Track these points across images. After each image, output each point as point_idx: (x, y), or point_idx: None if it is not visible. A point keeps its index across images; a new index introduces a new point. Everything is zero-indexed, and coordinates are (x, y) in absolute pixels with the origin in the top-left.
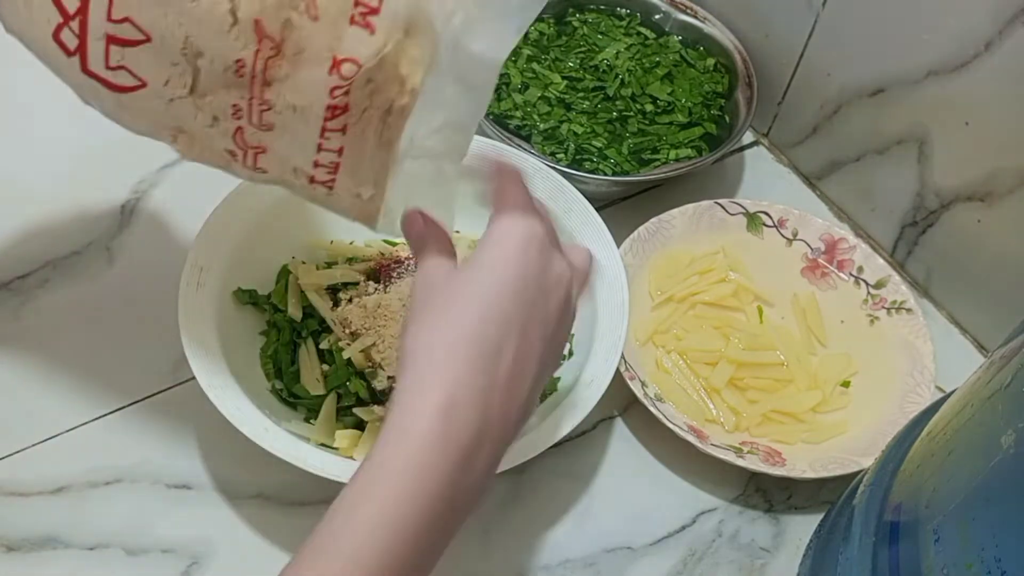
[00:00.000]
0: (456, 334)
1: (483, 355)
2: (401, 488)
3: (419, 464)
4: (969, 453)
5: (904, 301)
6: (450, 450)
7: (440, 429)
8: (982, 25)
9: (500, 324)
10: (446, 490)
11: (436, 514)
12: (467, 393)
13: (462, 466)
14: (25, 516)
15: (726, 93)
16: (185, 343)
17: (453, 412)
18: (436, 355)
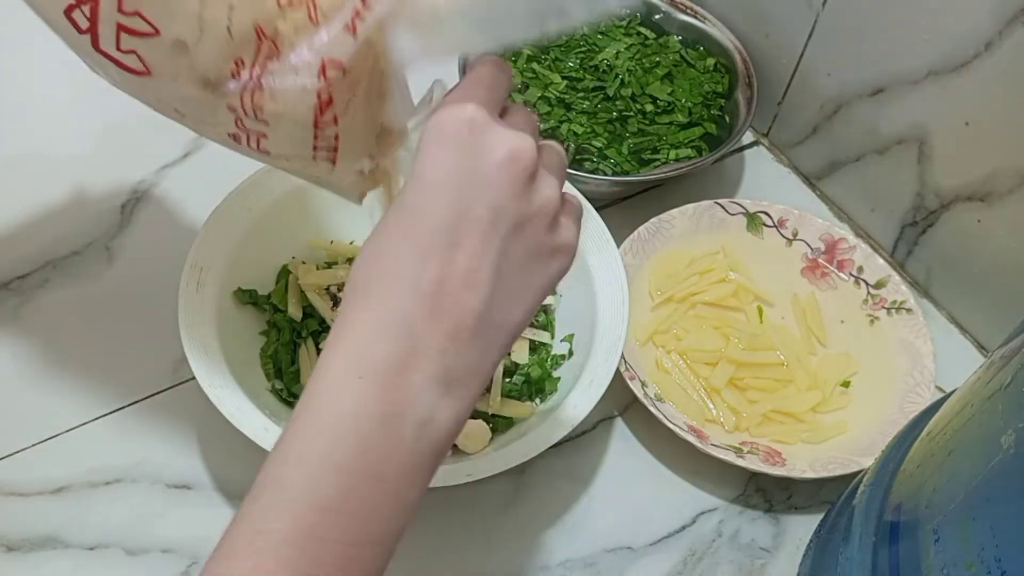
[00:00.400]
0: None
1: (399, 276)
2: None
3: (334, 393)
4: (969, 453)
5: (904, 301)
6: (367, 373)
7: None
8: (982, 25)
9: (421, 237)
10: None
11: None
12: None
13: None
14: (25, 516)
15: (726, 93)
16: (185, 343)
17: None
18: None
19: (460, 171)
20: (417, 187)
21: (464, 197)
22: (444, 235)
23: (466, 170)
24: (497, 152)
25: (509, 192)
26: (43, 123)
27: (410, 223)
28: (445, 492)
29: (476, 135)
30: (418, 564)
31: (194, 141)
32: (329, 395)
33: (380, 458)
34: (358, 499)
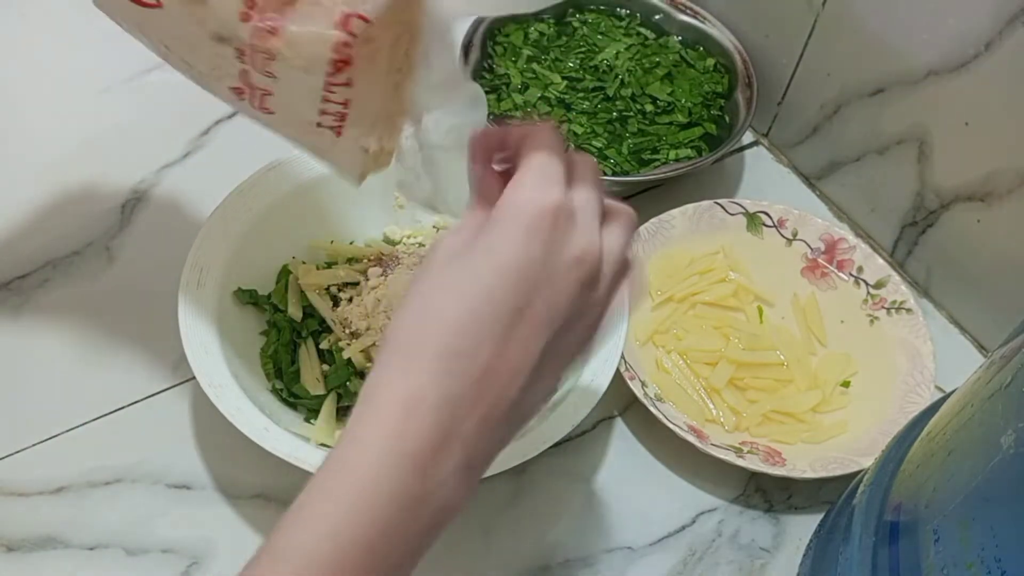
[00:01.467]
0: (433, 322)
1: (456, 354)
2: (352, 493)
3: (371, 467)
4: (969, 453)
5: (904, 301)
6: (406, 455)
7: (395, 430)
8: (982, 25)
9: (484, 318)
10: (402, 497)
11: (393, 520)
12: (431, 394)
13: (420, 472)
14: (25, 516)
15: (726, 93)
16: (185, 343)
17: (412, 414)
18: (408, 341)
19: (534, 263)
20: (492, 263)
21: (530, 289)
22: (504, 323)
23: (539, 263)
24: (571, 251)
25: (570, 293)
26: (43, 123)
27: (478, 296)
28: None
29: (557, 230)
30: (418, 564)
31: (194, 141)
32: (367, 470)
33: (400, 540)
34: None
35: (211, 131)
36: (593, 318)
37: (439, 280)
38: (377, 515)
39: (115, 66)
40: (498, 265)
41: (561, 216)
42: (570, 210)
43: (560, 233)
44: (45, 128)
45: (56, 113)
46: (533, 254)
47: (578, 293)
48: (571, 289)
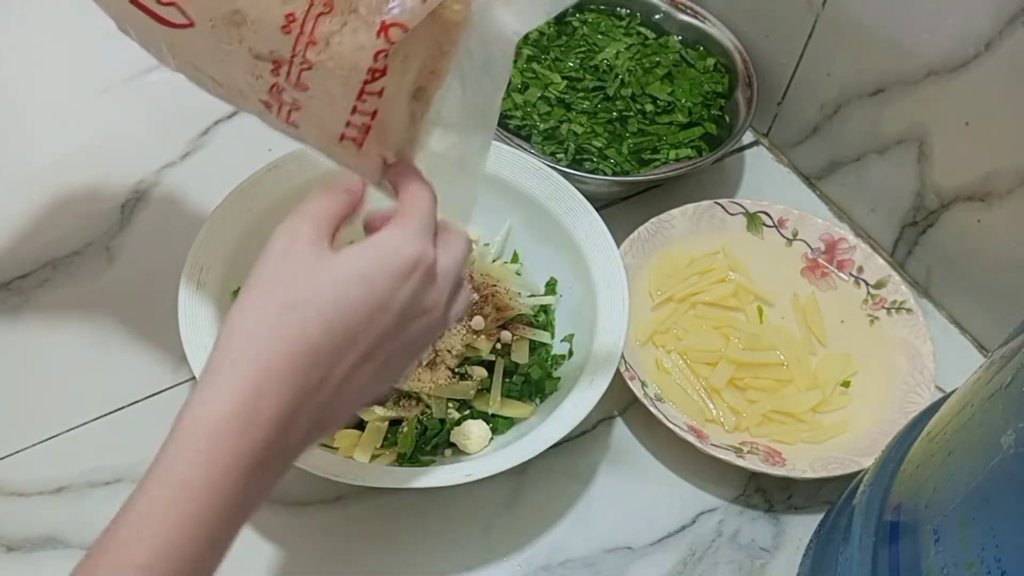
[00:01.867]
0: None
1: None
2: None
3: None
4: (969, 453)
5: (904, 301)
6: (243, 464)
7: (233, 439)
8: (982, 25)
9: (340, 342)
10: (232, 503)
11: (221, 526)
12: (271, 402)
13: (253, 480)
14: (25, 516)
15: (726, 93)
16: (185, 343)
17: (246, 427)
18: (251, 340)
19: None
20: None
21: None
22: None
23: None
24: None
25: (412, 341)
26: (43, 123)
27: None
28: (445, 492)
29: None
30: (418, 564)
31: (194, 141)
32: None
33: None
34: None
35: (211, 131)
36: (416, 357)
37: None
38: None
39: (115, 66)
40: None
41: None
42: (434, 270)
43: (423, 287)
44: (45, 128)
45: (56, 113)
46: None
47: (417, 343)
48: (414, 338)
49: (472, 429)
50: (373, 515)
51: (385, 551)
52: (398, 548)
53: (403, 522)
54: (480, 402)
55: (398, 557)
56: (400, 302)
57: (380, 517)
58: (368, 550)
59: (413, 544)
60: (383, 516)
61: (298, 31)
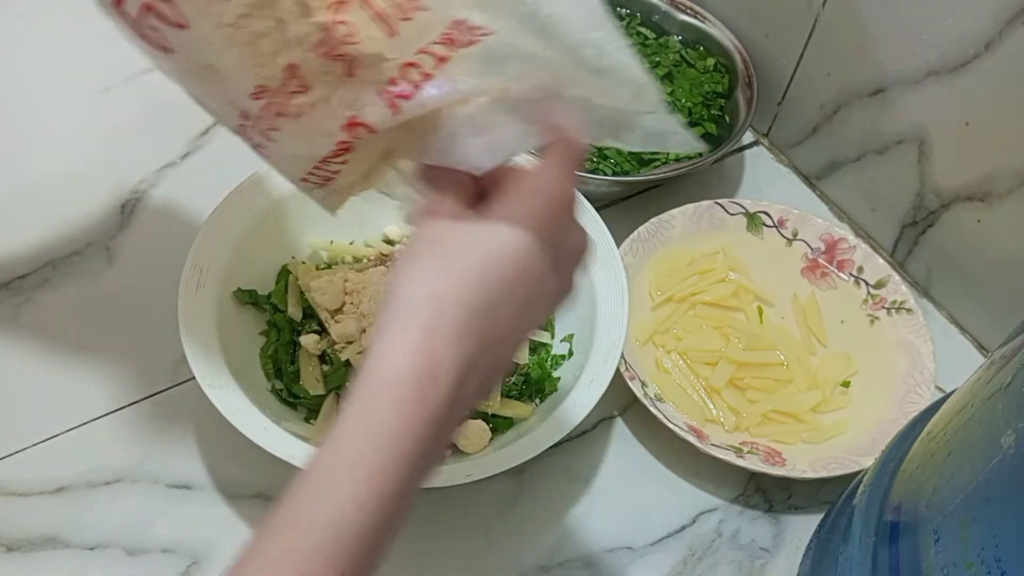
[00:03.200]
0: (454, 286)
1: (476, 315)
2: (375, 460)
3: (394, 431)
4: (969, 453)
5: (904, 301)
6: (428, 420)
7: (416, 387)
8: (982, 25)
9: (504, 283)
10: (417, 459)
11: (408, 483)
12: (450, 354)
13: (436, 435)
14: (25, 516)
15: (726, 93)
16: (185, 343)
17: (432, 372)
18: (427, 303)
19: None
20: (513, 232)
21: (546, 265)
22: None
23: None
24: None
25: (572, 276)
26: (43, 123)
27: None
28: (445, 492)
29: (570, 217)
30: (418, 564)
31: (194, 141)
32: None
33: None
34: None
35: (211, 131)
36: (566, 297)
37: (453, 241)
38: (402, 478)
39: (115, 66)
40: (522, 235)
41: (572, 208)
42: (576, 205)
43: (567, 224)
44: (45, 128)
45: (56, 113)
46: (552, 236)
47: (569, 282)
48: (566, 277)
49: (472, 429)
50: None
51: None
52: (397, 548)
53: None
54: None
55: (397, 557)
56: (553, 241)
57: None
58: None
59: (413, 544)
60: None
61: (267, 100)
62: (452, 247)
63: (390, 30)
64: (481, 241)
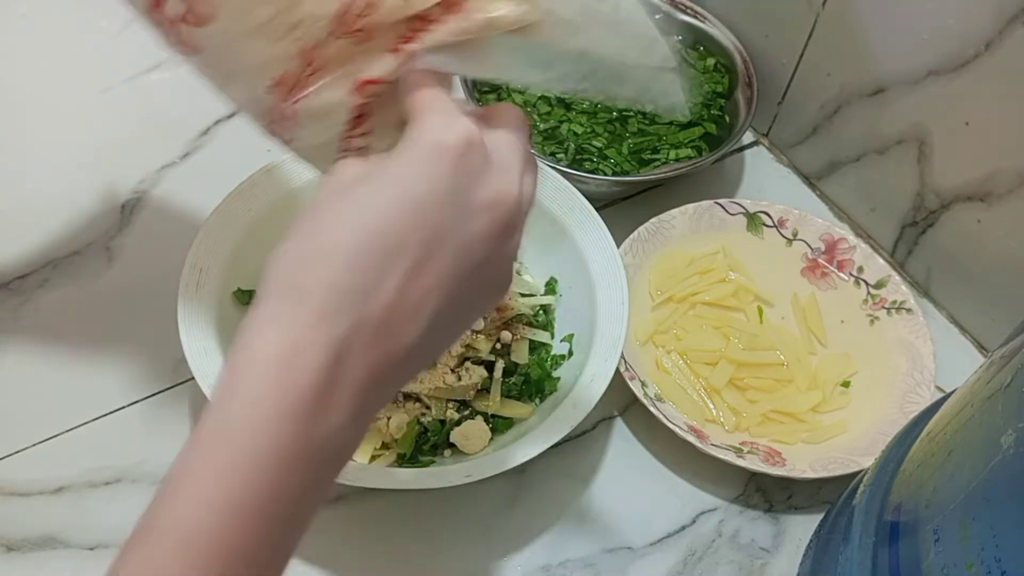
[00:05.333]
0: (320, 257)
1: (347, 292)
2: (231, 456)
3: (249, 426)
4: (969, 453)
5: (904, 301)
6: (286, 412)
7: (274, 385)
8: (982, 25)
9: (380, 254)
10: (286, 455)
11: (279, 480)
12: (315, 342)
13: (304, 428)
14: (25, 516)
15: (726, 93)
16: (185, 343)
17: (292, 366)
18: (290, 279)
19: (440, 196)
20: (391, 193)
21: (436, 226)
22: (407, 260)
23: (447, 198)
24: (485, 192)
25: (481, 238)
26: (43, 123)
27: (374, 230)
28: (445, 492)
29: (468, 165)
30: (418, 564)
31: (194, 141)
32: (245, 430)
33: (290, 498)
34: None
35: (211, 131)
36: (505, 266)
37: (329, 211)
38: (261, 476)
39: (115, 66)
40: (398, 195)
41: (474, 152)
42: (484, 148)
43: (472, 170)
44: (45, 128)
45: (56, 113)
46: (440, 186)
47: (490, 238)
48: (483, 233)
49: (472, 429)
50: (372, 516)
51: (385, 552)
52: (397, 549)
53: (403, 523)
54: (480, 402)
55: (398, 558)
56: (444, 192)
57: (379, 518)
58: (368, 551)
59: (413, 545)
60: (382, 517)
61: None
62: (328, 219)
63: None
64: (356, 212)
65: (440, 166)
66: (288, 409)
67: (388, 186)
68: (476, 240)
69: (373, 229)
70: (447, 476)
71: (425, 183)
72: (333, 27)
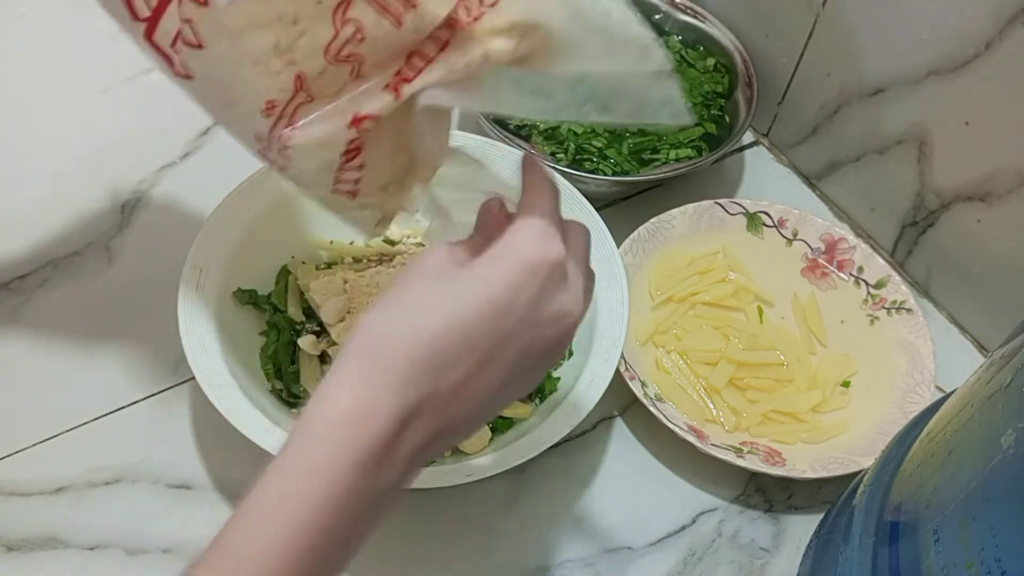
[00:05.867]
0: (406, 333)
1: (425, 365)
2: (303, 494)
3: (323, 470)
4: (969, 453)
5: (904, 301)
6: (357, 462)
7: (349, 435)
8: (982, 25)
9: (460, 343)
10: (348, 500)
11: (338, 521)
12: (387, 401)
13: (367, 478)
14: (25, 516)
15: (726, 93)
16: (185, 343)
17: (367, 422)
18: (375, 345)
19: (520, 306)
20: (480, 295)
21: (510, 330)
22: (479, 353)
23: (526, 308)
24: (556, 307)
25: (545, 344)
26: (43, 123)
27: (457, 324)
28: (445, 492)
29: (551, 282)
30: (418, 564)
31: (194, 141)
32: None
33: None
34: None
35: (211, 131)
36: (556, 358)
37: (423, 293)
38: (322, 517)
39: (115, 66)
40: (487, 297)
41: (557, 272)
42: (564, 269)
43: (551, 287)
44: (45, 128)
45: (56, 113)
46: (521, 299)
47: (551, 343)
48: (546, 339)
49: None
50: None
51: (385, 552)
52: (397, 549)
53: (403, 523)
54: None
55: (398, 558)
56: (524, 304)
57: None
58: (367, 551)
59: (413, 545)
60: (382, 517)
61: (278, 116)
62: (419, 300)
63: (396, 22)
64: (447, 300)
65: (527, 282)
66: (362, 459)
67: (479, 287)
68: (539, 345)
69: (457, 323)
70: (447, 476)
71: (511, 294)
72: (327, 56)
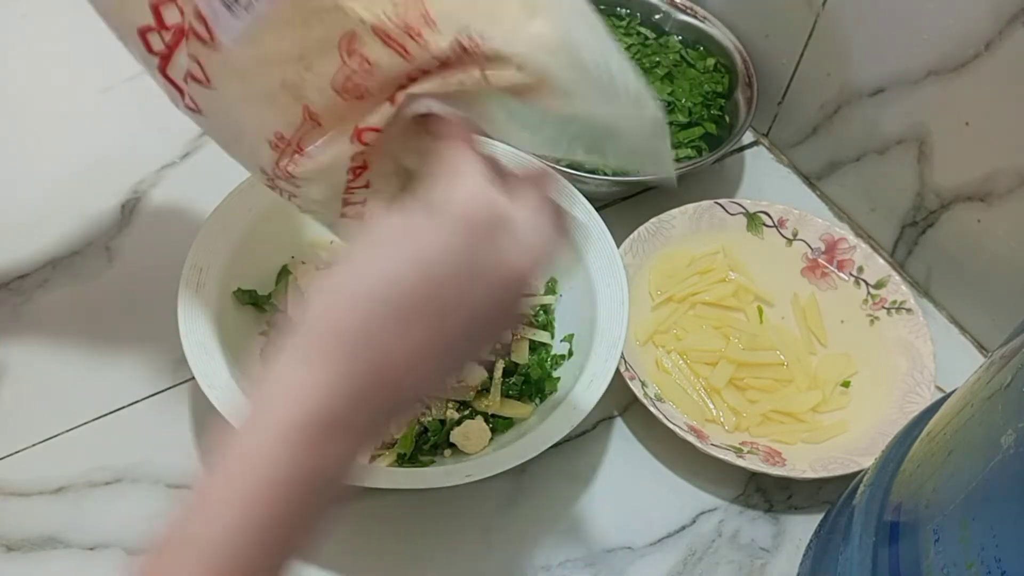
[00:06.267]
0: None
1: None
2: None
3: (269, 456)
4: (969, 453)
5: (904, 301)
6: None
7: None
8: (982, 25)
9: (403, 309)
10: (295, 485)
11: (282, 500)
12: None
13: (313, 463)
14: (25, 516)
15: (726, 93)
16: (185, 343)
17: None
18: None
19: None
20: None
21: (454, 294)
22: (422, 321)
23: (468, 273)
24: (505, 265)
25: (495, 304)
26: (44, 123)
27: (393, 293)
28: (445, 492)
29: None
30: (418, 564)
31: (194, 141)
32: (264, 460)
33: (291, 523)
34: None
35: None
36: (512, 322)
37: (360, 262)
38: (267, 498)
39: (115, 66)
40: (420, 258)
41: (497, 227)
42: (507, 222)
43: (494, 246)
44: (45, 128)
45: (56, 113)
46: (460, 260)
47: (502, 305)
48: (497, 301)
49: (472, 429)
50: (372, 516)
51: (385, 552)
52: (397, 549)
53: (403, 523)
54: (480, 402)
55: (398, 558)
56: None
57: (379, 518)
58: (368, 551)
59: (413, 545)
60: (382, 517)
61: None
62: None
63: (404, 52)
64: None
65: (463, 241)
66: (290, 439)
67: (411, 249)
68: (489, 307)
69: (392, 292)
70: (447, 476)
71: (445, 253)
72: (334, 87)
